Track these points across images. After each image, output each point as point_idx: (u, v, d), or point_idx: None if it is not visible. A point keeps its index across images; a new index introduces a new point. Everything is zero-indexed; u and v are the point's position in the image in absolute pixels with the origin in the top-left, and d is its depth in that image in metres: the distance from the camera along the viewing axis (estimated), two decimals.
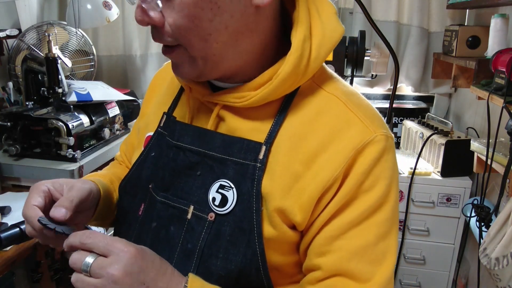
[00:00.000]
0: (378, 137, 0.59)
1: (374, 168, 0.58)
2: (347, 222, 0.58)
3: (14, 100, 1.70)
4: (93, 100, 1.62)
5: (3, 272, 1.07)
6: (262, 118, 0.62)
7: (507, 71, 1.23)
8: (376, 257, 0.59)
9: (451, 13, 2.03)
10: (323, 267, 0.59)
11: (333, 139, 0.59)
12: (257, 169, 0.59)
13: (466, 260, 1.92)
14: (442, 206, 1.84)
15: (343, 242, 0.58)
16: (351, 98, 0.62)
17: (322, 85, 0.63)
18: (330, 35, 0.59)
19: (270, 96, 0.59)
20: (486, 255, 1.20)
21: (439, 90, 2.16)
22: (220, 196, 0.60)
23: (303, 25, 0.58)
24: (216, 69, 0.59)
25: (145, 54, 2.17)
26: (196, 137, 0.64)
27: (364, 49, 1.74)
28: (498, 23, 1.45)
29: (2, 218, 1.24)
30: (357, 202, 0.58)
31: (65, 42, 1.81)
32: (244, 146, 0.60)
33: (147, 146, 0.74)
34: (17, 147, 1.47)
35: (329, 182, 0.57)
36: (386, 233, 0.60)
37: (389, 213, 0.60)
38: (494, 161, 1.33)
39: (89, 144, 1.61)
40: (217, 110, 0.63)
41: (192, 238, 0.62)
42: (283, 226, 0.60)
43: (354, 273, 0.58)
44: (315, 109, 0.61)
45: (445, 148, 1.79)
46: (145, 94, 0.85)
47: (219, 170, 0.62)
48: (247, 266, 0.59)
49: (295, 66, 0.57)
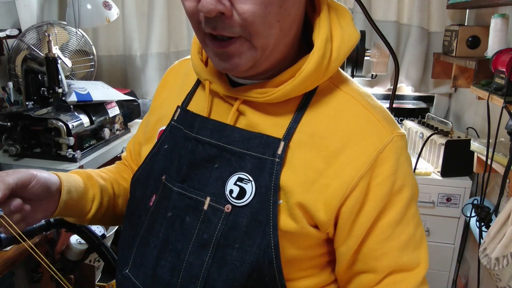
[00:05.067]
0: (395, 138, 0.62)
1: (399, 167, 0.62)
2: (392, 222, 0.62)
3: (14, 100, 1.70)
4: (93, 100, 1.62)
5: (3, 272, 1.07)
6: (281, 114, 0.64)
7: (507, 71, 1.23)
8: (416, 243, 0.65)
9: (451, 13, 2.03)
10: (380, 269, 0.64)
11: (354, 138, 0.62)
12: (276, 164, 0.61)
13: (466, 260, 1.92)
14: (442, 206, 1.84)
15: (393, 242, 0.63)
16: (367, 99, 0.65)
17: (339, 85, 0.66)
18: (348, 38, 0.63)
19: (292, 93, 0.62)
20: (486, 255, 1.20)
21: (439, 90, 2.16)
22: (238, 189, 0.62)
23: (325, 28, 0.61)
24: (267, 61, 0.61)
25: (145, 54, 2.17)
26: (215, 130, 0.66)
27: (364, 49, 1.74)
28: (498, 23, 1.45)
29: None
30: (395, 202, 0.62)
31: (65, 42, 1.81)
32: (263, 141, 0.62)
33: (160, 139, 0.74)
34: (17, 147, 1.47)
35: (354, 180, 0.60)
36: (419, 220, 0.66)
37: (416, 201, 0.66)
38: (494, 161, 1.33)
39: (89, 144, 1.61)
40: (237, 105, 0.65)
41: (208, 228, 0.63)
42: (303, 220, 0.61)
43: (405, 265, 0.64)
44: (334, 108, 0.64)
45: (445, 148, 1.79)
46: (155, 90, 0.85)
47: (236, 163, 0.63)
48: (261, 258, 0.60)
49: (318, 64, 0.60)
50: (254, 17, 0.54)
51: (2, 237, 0.98)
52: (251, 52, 0.58)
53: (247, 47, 0.57)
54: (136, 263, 0.70)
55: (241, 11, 0.53)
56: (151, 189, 0.72)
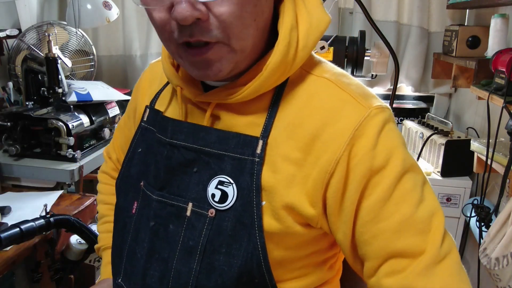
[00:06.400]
0: (374, 111, 0.58)
1: (379, 142, 0.57)
2: (377, 202, 0.57)
3: (14, 100, 1.70)
4: (93, 100, 1.62)
5: (3, 272, 1.07)
6: (256, 112, 0.62)
7: (507, 71, 1.23)
8: (422, 225, 0.56)
9: (451, 13, 2.03)
10: (374, 254, 0.58)
11: (329, 120, 0.58)
12: (256, 163, 0.59)
13: (466, 260, 1.92)
14: (442, 206, 1.83)
15: (382, 224, 0.57)
16: (340, 78, 0.62)
17: (310, 70, 0.63)
18: (317, 24, 0.59)
19: (262, 89, 0.59)
20: (486, 255, 1.20)
21: (439, 90, 2.16)
22: (220, 192, 0.60)
23: (289, 15, 0.58)
24: (246, 61, 0.59)
25: (145, 54, 2.17)
26: (190, 133, 0.64)
27: (364, 49, 1.74)
28: (498, 23, 1.45)
29: (2, 218, 1.23)
30: (378, 180, 0.57)
31: (65, 42, 1.81)
32: (241, 141, 0.60)
33: (132, 142, 0.73)
34: (17, 147, 1.47)
35: (331, 165, 0.57)
36: (421, 198, 0.57)
37: (416, 177, 0.58)
38: (494, 161, 1.33)
39: (89, 144, 1.61)
40: (211, 109, 0.63)
41: (193, 235, 0.61)
42: (288, 220, 0.59)
43: (405, 250, 0.56)
44: (306, 94, 0.61)
45: (445, 148, 1.79)
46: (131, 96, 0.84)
47: (216, 166, 0.61)
48: (249, 261, 0.59)
49: (283, 55, 0.57)
50: (232, 18, 0.52)
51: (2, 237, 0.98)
52: (231, 55, 0.55)
53: (226, 51, 0.55)
54: (127, 272, 0.69)
55: (218, 13, 0.51)
56: (132, 196, 0.71)
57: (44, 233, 1.18)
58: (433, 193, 0.60)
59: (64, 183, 1.51)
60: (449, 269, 0.56)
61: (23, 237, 1.03)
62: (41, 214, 1.17)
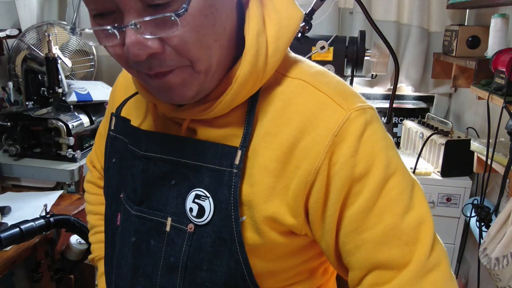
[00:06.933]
0: (354, 114, 0.54)
1: (360, 148, 0.53)
2: (360, 212, 0.53)
3: (14, 100, 1.70)
4: (93, 100, 1.62)
5: (3, 272, 1.07)
6: (233, 124, 0.58)
7: (507, 71, 1.23)
8: (407, 236, 0.53)
9: (451, 13, 2.03)
10: (357, 265, 0.55)
11: (306, 127, 0.54)
12: (234, 175, 0.55)
13: (466, 260, 1.92)
14: (442, 206, 1.84)
15: (365, 234, 0.54)
16: (318, 78, 0.57)
17: (286, 72, 0.58)
18: (287, 23, 0.55)
19: (234, 102, 0.55)
20: (486, 255, 1.20)
21: (439, 90, 2.16)
22: (197, 207, 0.58)
23: (255, 19, 0.53)
24: (213, 80, 0.55)
25: None
26: (165, 145, 0.61)
27: (364, 49, 1.74)
28: (498, 23, 1.45)
29: (2, 218, 1.24)
30: (360, 188, 0.53)
31: (65, 42, 1.81)
32: (219, 151, 0.57)
33: (106, 153, 0.71)
34: (17, 147, 1.47)
35: (311, 175, 0.53)
36: (407, 206, 0.54)
37: (402, 183, 0.54)
38: (494, 161, 1.33)
39: (89, 144, 1.61)
40: (186, 124, 0.60)
41: (173, 251, 0.59)
42: (271, 233, 0.57)
43: (389, 261, 0.53)
44: (282, 100, 0.56)
45: (445, 148, 1.79)
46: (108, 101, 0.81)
47: (194, 178, 0.58)
48: (233, 277, 0.57)
49: (252, 65, 0.53)
50: (189, 45, 0.48)
51: (2, 237, 0.98)
52: (194, 76, 0.52)
53: (188, 73, 0.51)
54: (118, 285, 0.69)
55: (173, 44, 0.48)
56: (115, 207, 0.69)
57: (44, 233, 1.18)
58: (423, 199, 0.56)
59: (64, 183, 1.51)
60: (436, 282, 0.53)
61: (23, 237, 1.03)
62: (41, 214, 1.17)
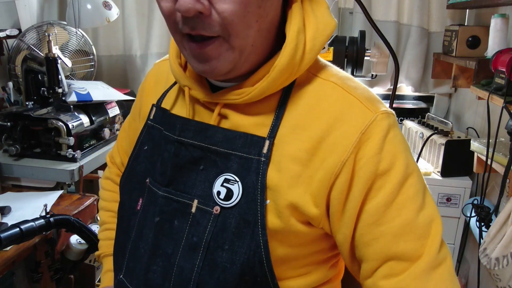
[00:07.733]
0: (380, 116, 0.60)
1: (384, 147, 0.59)
2: (380, 206, 0.58)
3: (14, 100, 1.70)
4: (93, 100, 1.62)
5: (3, 272, 1.07)
6: (263, 112, 0.63)
7: (507, 71, 1.23)
8: (421, 231, 0.59)
9: (451, 13, 2.03)
10: (373, 256, 0.60)
11: (335, 123, 0.60)
12: (262, 163, 0.60)
13: (466, 260, 1.92)
14: (442, 206, 1.84)
15: (383, 227, 0.59)
16: (347, 82, 0.64)
17: (317, 73, 0.65)
18: (323, 28, 0.61)
19: (269, 90, 0.60)
20: (486, 255, 1.20)
21: (439, 90, 2.16)
22: (225, 190, 0.61)
23: (296, 19, 0.60)
24: (247, 62, 0.60)
25: (145, 54, 2.17)
26: (198, 131, 0.65)
27: (364, 49, 1.74)
28: (498, 23, 1.45)
29: (2, 218, 1.24)
30: (382, 184, 0.59)
31: (65, 42, 1.81)
32: (248, 140, 0.61)
33: (138, 141, 0.74)
34: (17, 147, 1.47)
35: (337, 167, 0.58)
36: (422, 204, 0.60)
37: (418, 183, 0.61)
38: (494, 161, 1.33)
39: (89, 144, 1.61)
40: (219, 109, 0.64)
41: (197, 231, 0.62)
42: (291, 219, 0.60)
43: (404, 253, 0.58)
44: (313, 97, 0.62)
45: (445, 148, 1.79)
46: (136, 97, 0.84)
47: (222, 164, 0.62)
48: (251, 259, 0.60)
49: (291, 57, 0.59)
50: (233, 16, 0.53)
51: (2, 237, 0.98)
52: (229, 53, 0.57)
53: (225, 48, 0.56)
54: (129, 268, 0.70)
55: (220, 10, 0.53)
56: (137, 193, 0.72)
57: (44, 233, 1.18)
58: (432, 200, 0.62)
59: (64, 183, 1.51)
60: (444, 276, 0.58)
61: (23, 237, 1.03)
62: (41, 214, 1.17)
